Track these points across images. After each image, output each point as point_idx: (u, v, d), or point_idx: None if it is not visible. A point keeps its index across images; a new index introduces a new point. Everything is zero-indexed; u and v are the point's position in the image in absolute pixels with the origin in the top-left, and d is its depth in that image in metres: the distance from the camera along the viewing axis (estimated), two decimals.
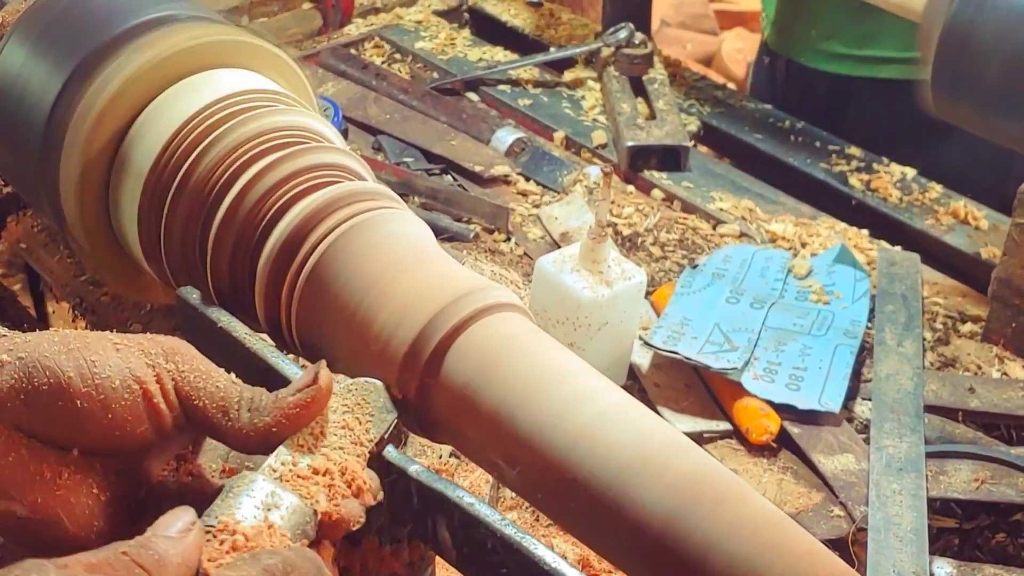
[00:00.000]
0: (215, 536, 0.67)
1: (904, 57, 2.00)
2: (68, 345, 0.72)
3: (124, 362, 0.72)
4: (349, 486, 0.75)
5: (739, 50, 4.39)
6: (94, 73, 1.04)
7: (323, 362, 0.79)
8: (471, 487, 1.20)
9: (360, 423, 0.80)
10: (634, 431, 0.78)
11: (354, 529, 0.74)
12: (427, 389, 0.84)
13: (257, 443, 0.75)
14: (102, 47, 1.06)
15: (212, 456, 0.81)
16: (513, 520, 1.17)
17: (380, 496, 0.77)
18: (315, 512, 0.72)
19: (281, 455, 0.75)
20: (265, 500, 0.70)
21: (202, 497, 0.72)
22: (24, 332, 0.75)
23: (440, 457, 1.23)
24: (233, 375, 0.77)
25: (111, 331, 0.76)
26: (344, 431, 0.79)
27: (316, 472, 0.74)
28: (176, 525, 0.65)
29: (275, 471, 0.74)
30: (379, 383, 0.83)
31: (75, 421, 0.71)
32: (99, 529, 0.72)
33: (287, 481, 0.73)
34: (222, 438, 0.75)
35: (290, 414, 0.75)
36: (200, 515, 0.67)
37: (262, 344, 0.90)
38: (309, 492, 0.73)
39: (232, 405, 0.75)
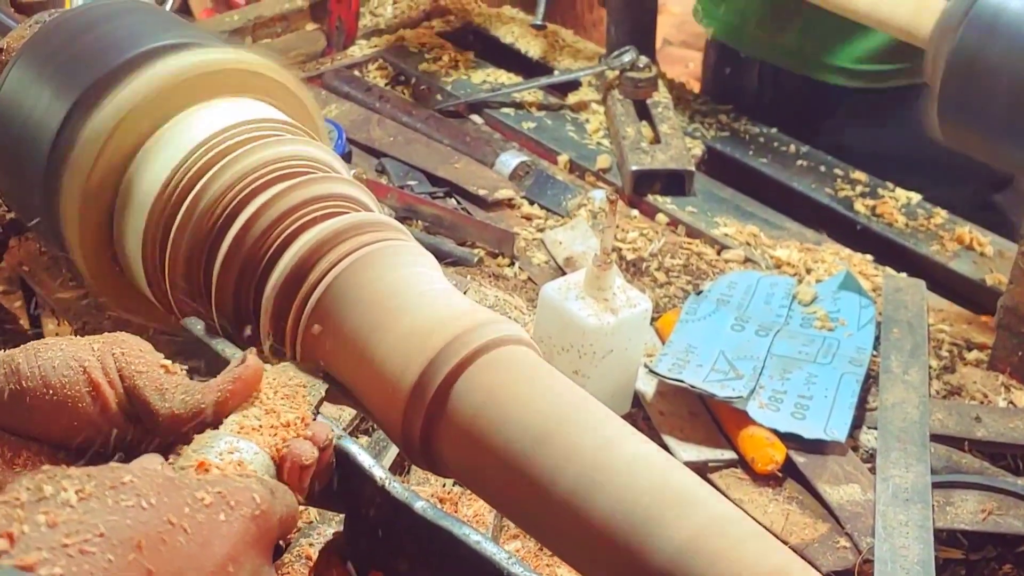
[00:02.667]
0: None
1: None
2: (27, 345, 0.79)
3: (68, 349, 0.78)
4: (298, 433, 0.80)
5: None
6: (98, 101, 1.04)
7: (252, 348, 0.83)
8: (475, 516, 1.19)
9: (298, 393, 0.84)
10: (646, 469, 0.77)
11: (307, 464, 0.78)
12: (433, 424, 0.84)
13: (188, 422, 0.78)
14: (106, 75, 1.06)
15: None
16: (516, 550, 1.17)
17: (330, 437, 0.82)
18: (271, 458, 0.77)
19: (230, 423, 0.78)
20: (228, 448, 0.75)
21: None
22: None
23: (444, 486, 1.22)
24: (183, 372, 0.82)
25: None
26: (285, 400, 0.82)
27: (264, 426, 0.78)
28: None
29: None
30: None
31: (22, 402, 0.76)
32: None
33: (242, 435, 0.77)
34: (157, 419, 0.78)
35: (220, 390, 0.79)
36: None
37: None
38: (264, 442, 0.77)
39: (169, 388, 0.79)
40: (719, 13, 2.13)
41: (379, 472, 0.83)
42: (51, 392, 0.76)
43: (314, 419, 0.83)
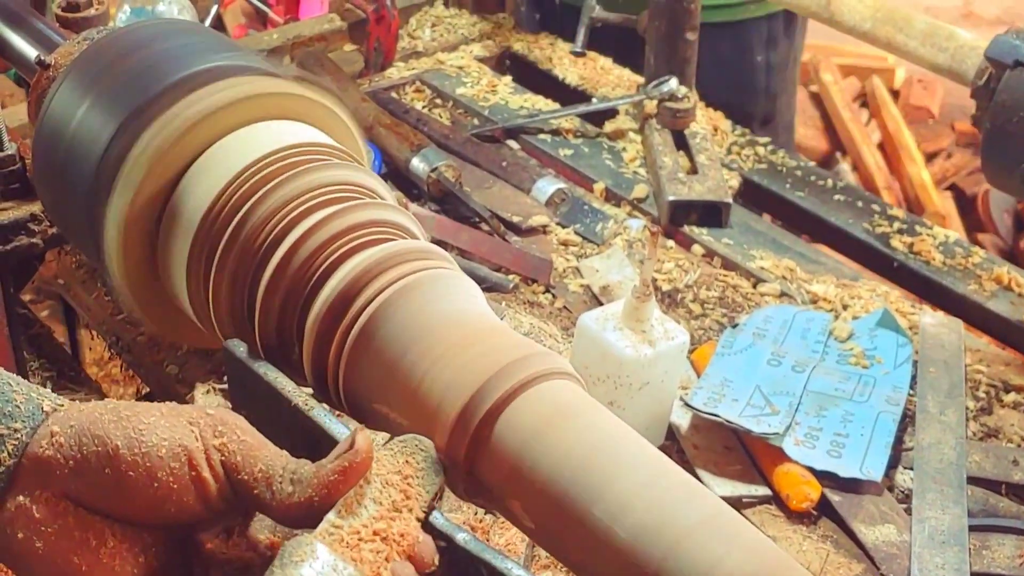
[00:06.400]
0: None
1: None
2: (119, 414, 0.73)
3: (172, 432, 0.73)
4: (403, 551, 0.75)
5: None
6: (146, 122, 1.04)
7: (361, 427, 0.78)
8: (507, 544, 1.19)
9: (410, 485, 0.79)
10: (692, 505, 0.77)
11: None
12: (476, 455, 0.83)
13: (301, 515, 0.75)
14: (155, 96, 1.06)
15: (259, 527, 0.80)
16: None
17: (436, 561, 0.77)
18: None
19: (332, 519, 0.74)
20: (324, 572, 0.70)
21: (250, 567, 0.71)
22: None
23: (475, 514, 1.22)
24: (284, 452, 0.77)
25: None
26: (393, 490, 0.78)
27: (374, 536, 0.74)
28: None
29: (329, 535, 0.73)
30: (427, 441, 0.83)
31: (122, 490, 0.72)
32: None
33: (341, 545, 0.73)
34: (267, 511, 0.75)
35: (330, 482, 0.75)
36: None
37: (308, 400, 0.90)
38: (363, 558, 0.73)
39: (276, 477, 0.75)
40: None
41: None
42: (156, 484, 0.72)
43: (427, 515, 0.79)
